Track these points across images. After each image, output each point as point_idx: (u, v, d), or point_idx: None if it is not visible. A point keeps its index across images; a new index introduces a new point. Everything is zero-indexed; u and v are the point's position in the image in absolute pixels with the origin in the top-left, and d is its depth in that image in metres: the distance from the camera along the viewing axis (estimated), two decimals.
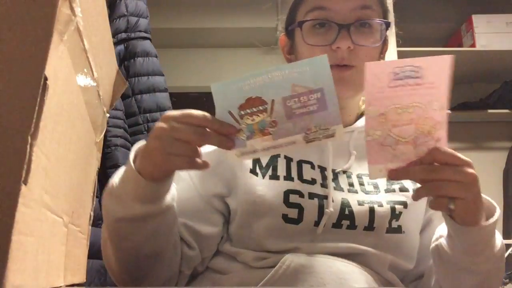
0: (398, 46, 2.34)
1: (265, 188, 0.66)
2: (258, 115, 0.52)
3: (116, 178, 0.58)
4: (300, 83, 0.51)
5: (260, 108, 0.52)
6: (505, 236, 2.37)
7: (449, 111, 0.53)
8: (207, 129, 0.52)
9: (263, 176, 0.67)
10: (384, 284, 0.65)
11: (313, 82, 0.51)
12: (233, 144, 0.53)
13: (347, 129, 0.74)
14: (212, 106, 0.52)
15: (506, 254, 1.98)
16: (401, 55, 2.33)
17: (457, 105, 2.56)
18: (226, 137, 0.53)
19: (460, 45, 2.56)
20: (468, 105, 2.54)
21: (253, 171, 0.68)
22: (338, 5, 0.68)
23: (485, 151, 2.71)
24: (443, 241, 0.62)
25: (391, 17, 0.77)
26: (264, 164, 0.69)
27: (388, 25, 0.72)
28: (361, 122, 0.76)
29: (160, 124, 0.53)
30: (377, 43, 0.70)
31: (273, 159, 0.69)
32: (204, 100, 3.27)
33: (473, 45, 2.44)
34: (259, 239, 0.65)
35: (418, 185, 0.71)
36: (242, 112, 0.52)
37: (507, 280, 1.92)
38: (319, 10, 0.69)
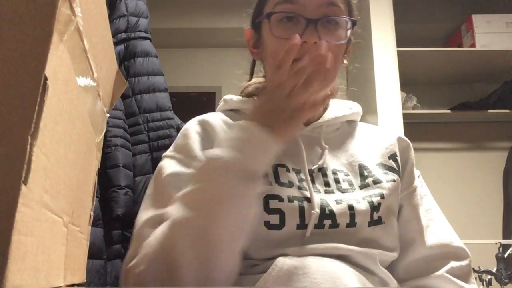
0: (398, 46, 2.34)
1: None
2: None
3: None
4: None
5: None
6: (505, 236, 2.37)
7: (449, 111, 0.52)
8: None
9: None
10: (378, 283, 0.65)
11: None
12: None
13: (316, 123, 0.76)
14: (212, 106, 0.52)
15: (506, 254, 1.99)
16: (401, 55, 2.33)
17: (457, 105, 2.57)
18: None
19: (460, 45, 2.56)
20: (468, 105, 2.54)
21: None
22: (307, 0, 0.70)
23: (485, 151, 2.71)
24: None
25: (355, 15, 0.77)
26: None
27: (354, 23, 0.73)
28: (328, 115, 0.77)
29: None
30: (343, 40, 0.71)
31: None
32: (204, 100, 3.28)
33: (473, 45, 2.44)
34: (244, 250, 0.61)
35: (390, 175, 0.73)
36: None
37: (507, 280, 1.92)
38: (288, 3, 0.70)
